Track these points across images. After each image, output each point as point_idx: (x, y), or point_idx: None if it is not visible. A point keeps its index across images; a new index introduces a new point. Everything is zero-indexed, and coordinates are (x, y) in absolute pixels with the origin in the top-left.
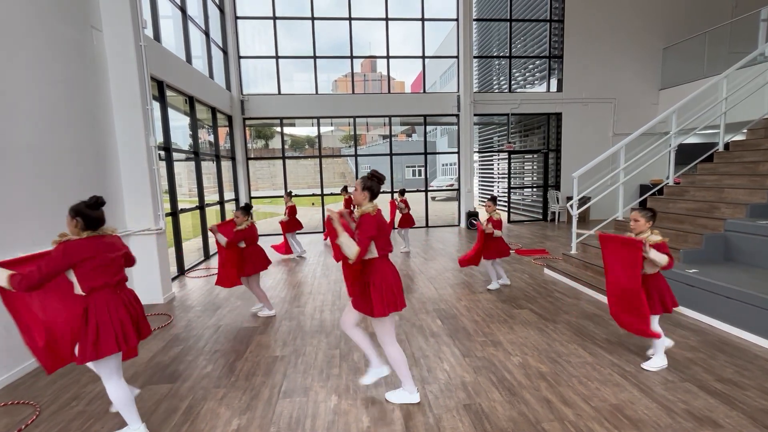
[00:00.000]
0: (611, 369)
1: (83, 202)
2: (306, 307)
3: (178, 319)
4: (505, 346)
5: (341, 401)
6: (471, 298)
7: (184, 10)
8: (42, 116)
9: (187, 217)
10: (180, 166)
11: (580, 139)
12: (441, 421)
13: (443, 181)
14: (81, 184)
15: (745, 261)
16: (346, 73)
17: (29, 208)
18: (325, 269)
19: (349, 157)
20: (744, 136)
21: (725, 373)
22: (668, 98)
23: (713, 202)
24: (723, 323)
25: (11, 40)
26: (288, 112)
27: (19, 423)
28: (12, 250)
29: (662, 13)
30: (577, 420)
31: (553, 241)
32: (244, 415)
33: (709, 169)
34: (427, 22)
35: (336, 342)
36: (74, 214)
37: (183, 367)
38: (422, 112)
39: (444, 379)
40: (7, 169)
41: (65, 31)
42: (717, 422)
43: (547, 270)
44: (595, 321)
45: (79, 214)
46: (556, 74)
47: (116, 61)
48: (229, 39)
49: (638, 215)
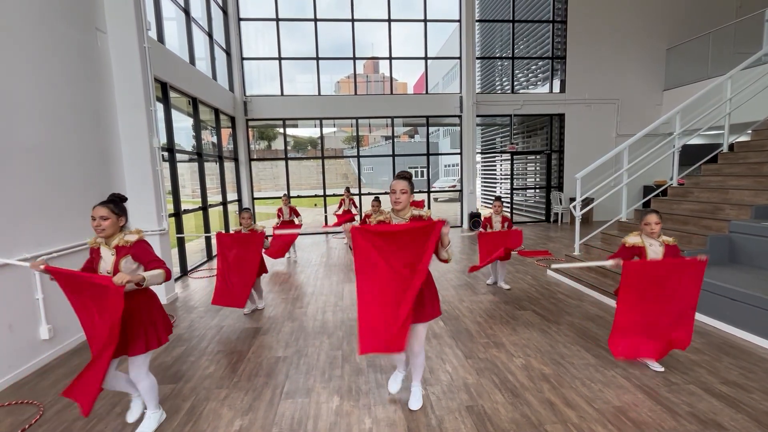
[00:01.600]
0: (614, 371)
1: (122, 199)
2: (308, 308)
3: (180, 320)
4: (508, 347)
5: (343, 402)
6: (473, 299)
7: (187, 12)
8: (46, 117)
9: (190, 218)
10: (183, 167)
11: (583, 140)
12: (443, 423)
13: (446, 182)
14: (84, 184)
15: (750, 263)
16: (349, 75)
17: (33, 209)
18: (328, 270)
19: (352, 158)
20: (749, 137)
21: (730, 375)
22: (672, 99)
23: (717, 204)
24: (728, 325)
25: (16, 42)
26: (290, 114)
27: (23, 423)
28: (16, 250)
29: (666, 13)
30: (581, 422)
31: (556, 243)
32: (246, 416)
33: (713, 170)
34: (429, 23)
35: (338, 343)
36: (121, 212)
37: (186, 368)
38: (425, 113)
39: (446, 381)
40: (11, 169)
41: (70, 32)
42: (722, 425)
43: (549, 271)
44: (598, 323)
45: (125, 212)
46: (559, 75)
47: (120, 62)
48: (232, 40)
49: (658, 218)
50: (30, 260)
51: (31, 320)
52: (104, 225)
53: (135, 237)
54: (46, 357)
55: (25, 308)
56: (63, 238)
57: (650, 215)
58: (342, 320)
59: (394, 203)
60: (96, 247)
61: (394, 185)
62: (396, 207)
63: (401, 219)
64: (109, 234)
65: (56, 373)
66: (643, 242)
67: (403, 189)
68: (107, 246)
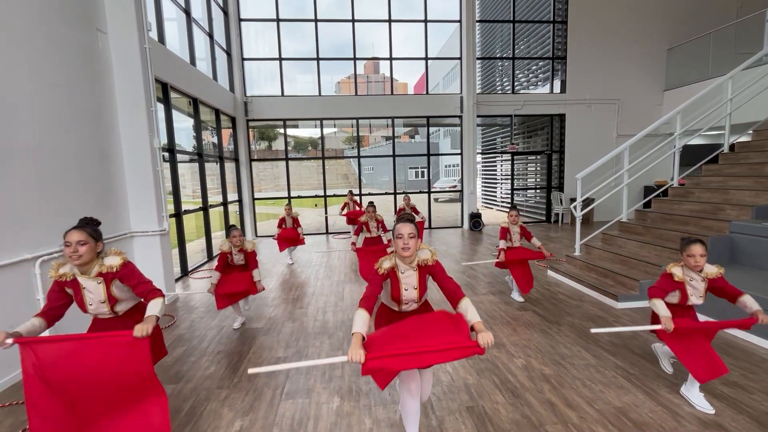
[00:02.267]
0: (615, 371)
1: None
2: (308, 309)
3: (181, 320)
4: (508, 348)
5: (344, 403)
6: (474, 300)
7: (188, 13)
8: (47, 118)
9: (191, 219)
10: (184, 168)
11: (584, 140)
12: (444, 423)
13: (446, 182)
14: (85, 185)
15: (751, 263)
16: (349, 75)
17: (33, 210)
18: (328, 271)
19: (352, 158)
20: (749, 138)
21: (731, 376)
22: (673, 99)
23: (718, 204)
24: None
25: (16, 42)
26: (291, 114)
27: (23, 423)
28: (17, 251)
29: (666, 13)
30: (581, 423)
31: (557, 243)
32: (247, 416)
33: (714, 170)
34: (430, 24)
35: (338, 343)
36: (98, 236)
37: (186, 368)
38: (425, 113)
39: (447, 381)
40: (12, 170)
41: (70, 33)
42: (723, 426)
43: (550, 272)
44: (599, 323)
45: (101, 237)
46: (560, 75)
47: (121, 63)
48: (233, 41)
49: (704, 249)
50: (32, 260)
51: None
52: (81, 251)
53: (119, 260)
54: None
55: (26, 309)
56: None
57: (695, 246)
58: (342, 321)
59: (402, 249)
60: (69, 279)
61: (400, 229)
62: (404, 254)
63: (408, 267)
64: (86, 261)
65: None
66: (683, 276)
67: (411, 233)
68: (86, 275)
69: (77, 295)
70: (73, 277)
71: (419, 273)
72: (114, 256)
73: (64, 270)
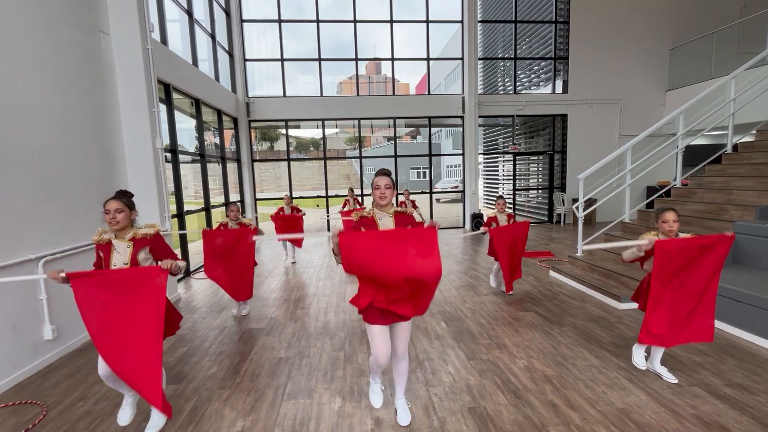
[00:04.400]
0: (618, 372)
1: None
2: (310, 309)
3: (183, 321)
4: (510, 348)
5: (345, 403)
6: (475, 300)
7: (190, 14)
8: (50, 119)
9: (193, 219)
10: (186, 168)
11: (586, 140)
12: (445, 424)
13: (448, 182)
14: (88, 185)
15: (755, 263)
16: (351, 75)
17: (36, 210)
18: (330, 271)
19: (354, 159)
20: (753, 138)
21: (735, 377)
22: (675, 99)
23: (721, 204)
24: (732, 327)
25: (20, 44)
26: (293, 115)
27: (27, 423)
28: (20, 251)
29: (669, 13)
30: (584, 424)
31: (559, 243)
32: (249, 417)
33: (717, 170)
34: (431, 24)
35: (340, 344)
36: (132, 206)
37: (188, 368)
38: (427, 113)
39: (448, 382)
40: (15, 171)
41: (73, 34)
42: (726, 427)
43: (552, 272)
44: (601, 324)
45: (134, 207)
46: (562, 75)
47: (124, 64)
48: (235, 42)
49: (676, 215)
50: (35, 261)
51: (34, 320)
52: (119, 218)
53: (153, 230)
54: (49, 357)
55: (29, 308)
56: (67, 238)
57: (668, 212)
58: (344, 321)
59: (380, 198)
60: (104, 242)
61: (377, 181)
62: (381, 202)
63: (385, 214)
64: (123, 226)
65: (60, 373)
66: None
67: (387, 184)
68: (120, 239)
69: (106, 256)
70: (108, 241)
71: (395, 218)
72: (150, 227)
73: (106, 236)
